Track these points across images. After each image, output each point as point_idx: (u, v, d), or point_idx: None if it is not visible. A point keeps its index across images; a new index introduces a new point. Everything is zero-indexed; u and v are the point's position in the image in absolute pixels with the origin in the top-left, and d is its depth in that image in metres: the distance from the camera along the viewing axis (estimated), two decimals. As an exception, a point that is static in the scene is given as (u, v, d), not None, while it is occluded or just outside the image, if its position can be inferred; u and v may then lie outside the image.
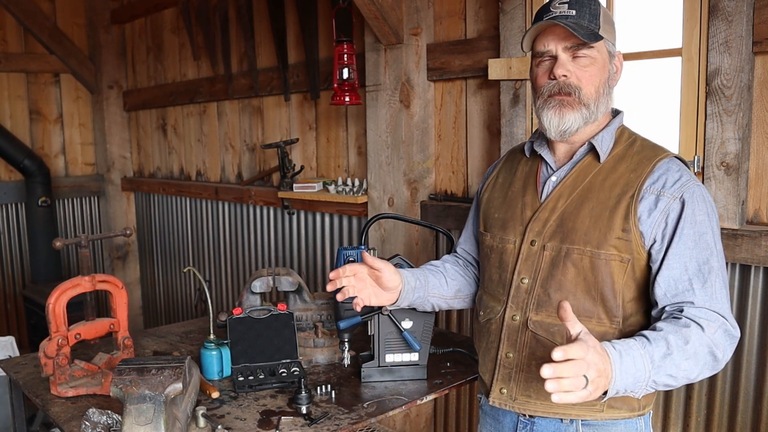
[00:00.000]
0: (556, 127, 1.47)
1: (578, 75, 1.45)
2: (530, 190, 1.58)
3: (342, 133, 3.37)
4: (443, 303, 1.75)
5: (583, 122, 1.47)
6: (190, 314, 4.74)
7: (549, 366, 1.12)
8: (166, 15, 4.57)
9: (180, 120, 4.63)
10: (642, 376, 1.25)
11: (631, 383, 1.25)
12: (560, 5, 1.45)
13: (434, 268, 1.76)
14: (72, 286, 1.89)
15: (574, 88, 1.45)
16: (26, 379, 1.95)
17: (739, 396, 2.06)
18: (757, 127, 1.99)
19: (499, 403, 1.56)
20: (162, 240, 4.96)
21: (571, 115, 1.45)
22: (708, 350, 1.31)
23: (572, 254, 1.45)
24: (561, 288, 1.46)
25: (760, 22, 1.90)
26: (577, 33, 1.40)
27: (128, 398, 1.44)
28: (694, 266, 1.37)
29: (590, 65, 1.45)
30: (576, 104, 1.45)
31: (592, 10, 1.45)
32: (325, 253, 3.54)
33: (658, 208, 1.40)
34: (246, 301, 2.15)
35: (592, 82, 1.45)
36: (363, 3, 2.57)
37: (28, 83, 4.95)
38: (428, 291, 1.69)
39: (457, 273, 1.78)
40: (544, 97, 1.48)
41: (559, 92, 1.46)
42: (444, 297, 1.74)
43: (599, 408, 1.46)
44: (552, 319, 1.47)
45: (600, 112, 1.48)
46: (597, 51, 1.45)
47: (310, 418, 1.67)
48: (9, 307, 4.97)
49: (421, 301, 1.69)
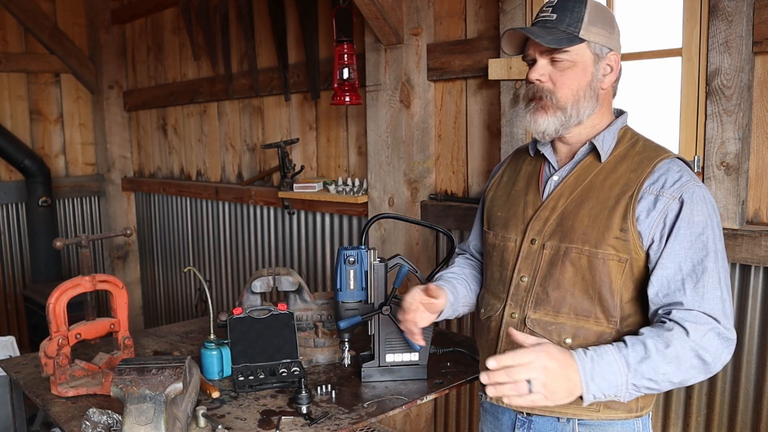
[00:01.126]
0: (534, 130, 1.51)
1: (554, 78, 1.47)
2: (532, 188, 1.59)
3: (342, 133, 3.37)
4: (467, 309, 1.77)
5: (560, 125, 1.48)
6: (190, 314, 4.74)
7: (484, 373, 1.23)
8: (167, 15, 4.58)
9: (180, 120, 4.63)
10: (618, 380, 1.28)
11: (608, 387, 1.28)
12: (546, 9, 1.49)
13: (459, 278, 1.77)
14: (72, 286, 1.89)
15: (547, 92, 1.47)
16: (27, 378, 1.96)
17: (739, 396, 2.07)
18: (757, 127, 1.99)
19: (496, 400, 1.57)
20: (162, 240, 4.97)
21: (543, 118, 1.48)
22: (693, 354, 1.31)
23: (570, 253, 1.45)
24: (559, 287, 1.47)
25: (760, 22, 1.90)
26: (537, 38, 1.42)
27: (129, 398, 1.44)
28: (688, 266, 1.37)
29: (568, 69, 1.46)
30: (550, 107, 1.47)
31: (575, 14, 1.45)
32: (326, 253, 3.54)
33: (657, 208, 1.40)
34: (246, 300, 2.15)
35: (568, 86, 1.46)
36: (363, 3, 2.57)
37: (29, 83, 4.96)
38: (458, 302, 1.71)
39: (476, 278, 1.80)
40: (526, 101, 1.53)
41: (533, 97, 1.49)
42: (469, 304, 1.76)
43: (595, 408, 1.47)
44: (550, 317, 1.48)
45: (583, 115, 1.48)
46: (576, 54, 1.45)
47: (311, 417, 1.67)
48: (9, 306, 4.97)
49: (453, 312, 1.71)
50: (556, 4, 1.47)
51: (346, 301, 1.88)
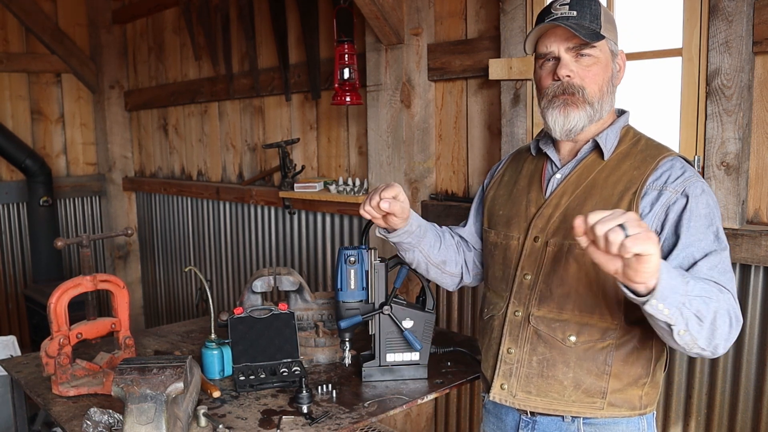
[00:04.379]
0: (561, 127, 1.48)
1: (581, 75, 1.46)
2: (535, 187, 1.60)
3: (343, 133, 3.37)
4: (424, 264, 1.73)
5: (588, 121, 1.48)
6: (191, 314, 4.75)
7: (579, 217, 1.13)
8: (168, 15, 4.58)
9: (181, 120, 4.63)
10: (680, 289, 1.19)
11: (671, 292, 1.17)
12: (561, 7, 1.46)
13: (437, 230, 1.76)
14: (73, 285, 1.89)
15: (578, 87, 1.46)
16: (28, 378, 1.96)
17: (739, 396, 2.07)
18: (757, 127, 1.99)
19: (499, 399, 1.57)
20: (163, 240, 4.97)
21: (575, 113, 1.46)
22: (727, 308, 1.27)
23: (574, 250, 1.45)
24: (563, 283, 1.47)
25: (760, 22, 1.90)
26: (578, 33, 1.41)
27: (130, 397, 1.44)
28: (700, 255, 1.36)
29: (593, 64, 1.46)
30: (580, 103, 1.46)
31: (593, 10, 1.46)
32: (326, 253, 3.55)
33: (660, 201, 1.40)
34: (247, 300, 2.15)
35: (595, 81, 1.46)
36: (364, 3, 2.57)
37: (30, 83, 4.96)
38: (421, 243, 1.68)
39: (451, 246, 1.78)
40: (548, 98, 1.49)
41: (563, 92, 1.47)
42: (429, 259, 1.72)
43: (599, 405, 1.47)
44: (554, 314, 1.48)
45: (605, 111, 1.50)
46: (599, 50, 1.46)
47: (311, 417, 1.67)
48: (11, 306, 4.98)
49: (409, 246, 1.67)
50: (573, 1, 1.46)
51: (347, 301, 1.88)
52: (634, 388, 1.47)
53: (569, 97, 1.46)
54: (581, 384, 1.47)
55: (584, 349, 1.46)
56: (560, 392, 1.49)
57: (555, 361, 1.48)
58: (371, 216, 1.58)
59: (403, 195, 1.55)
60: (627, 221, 1.08)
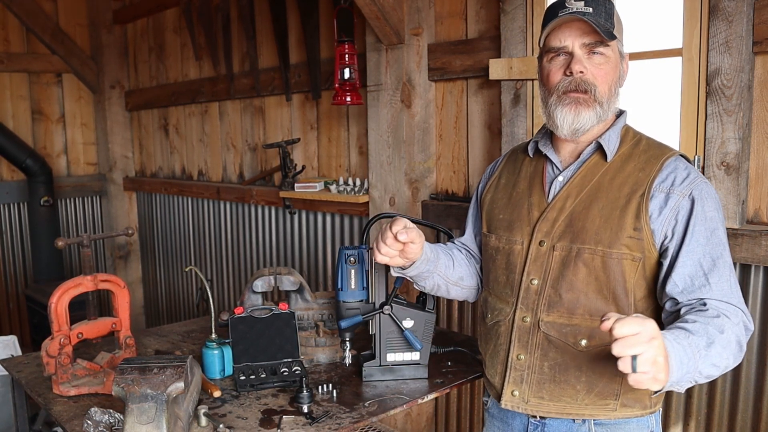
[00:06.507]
0: (569, 125, 1.45)
1: (594, 72, 1.44)
2: (536, 190, 1.57)
3: (343, 133, 3.37)
4: (444, 285, 1.70)
5: (597, 121, 1.46)
6: (191, 313, 4.75)
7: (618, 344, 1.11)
8: (168, 15, 4.58)
9: (182, 120, 4.64)
10: (691, 366, 1.20)
11: (682, 374, 1.20)
12: (576, 2, 1.42)
13: (446, 249, 1.73)
14: (74, 285, 1.89)
15: (590, 85, 1.43)
16: (28, 378, 1.96)
17: (739, 396, 2.07)
18: (757, 127, 1.99)
19: (511, 406, 1.54)
20: (164, 239, 4.97)
21: (586, 113, 1.44)
22: (736, 339, 1.30)
23: (583, 254, 1.44)
24: (572, 288, 1.45)
25: (760, 22, 1.90)
26: (599, 27, 1.39)
27: (130, 397, 1.44)
28: (708, 262, 1.37)
29: (605, 63, 1.44)
30: (591, 102, 1.44)
31: (608, 8, 1.44)
32: (327, 253, 3.55)
33: (668, 205, 1.40)
34: (248, 300, 2.15)
35: (606, 81, 1.44)
36: (364, 3, 2.57)
37: (31, 83, 4.96)
38: (437, 267, 1.64)
39: (463, 261, 1.76)
40: (558, 94, 1.46)
41: (575, 89, 1.44)
42: (447, 279, 1.69)
43: (612, 407, 1.46)
44: (564, 319, 1.46)
45: (611, 111, 1.48)
46: (611, 50, 1.45)
47: (312, 417, 1.68)
48: (11, 306, 4.98)
49: (428, 274, 1.64)
50: None
51: (347, 301, 1.88)
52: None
53: (581, 95, 1.43)
54: (594, 387, 1.46)
55: (596, 353, 1.44)
56: (573, 396, 1.47)
57: (567, 365, 1.47)
58: (390, 256, 1.52)
59: (410, 223, 1.51)
60: (642, 353, 1.10)
